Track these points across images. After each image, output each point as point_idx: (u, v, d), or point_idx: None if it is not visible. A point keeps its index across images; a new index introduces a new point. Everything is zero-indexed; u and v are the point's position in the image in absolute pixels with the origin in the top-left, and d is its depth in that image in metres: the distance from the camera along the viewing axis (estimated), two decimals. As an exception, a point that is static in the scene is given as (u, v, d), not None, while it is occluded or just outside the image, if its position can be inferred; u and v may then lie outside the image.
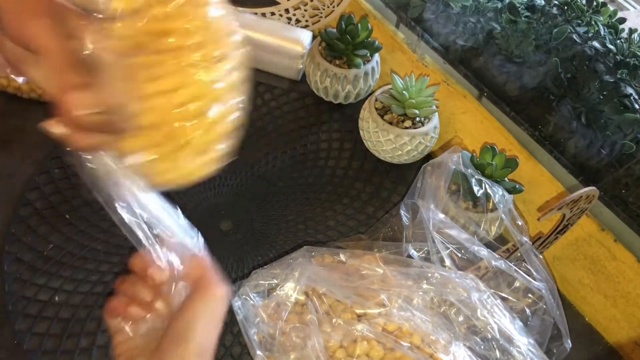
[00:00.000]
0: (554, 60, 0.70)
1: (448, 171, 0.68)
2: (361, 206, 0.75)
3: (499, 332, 0.57)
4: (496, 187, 0.66)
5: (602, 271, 0.67)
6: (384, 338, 0.56)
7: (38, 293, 0.62)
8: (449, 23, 0.80)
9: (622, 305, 0.67)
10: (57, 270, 0.64)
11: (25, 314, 0.60)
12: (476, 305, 0.58)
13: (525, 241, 0.63)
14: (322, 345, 0.53)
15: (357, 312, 0.60)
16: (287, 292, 0.58)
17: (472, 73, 0.78)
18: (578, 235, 0.69)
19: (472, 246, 0.63)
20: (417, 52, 0.84)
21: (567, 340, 0.60)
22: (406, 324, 0.57)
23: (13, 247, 0.65)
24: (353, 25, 0.80)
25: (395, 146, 0.75)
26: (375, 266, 0.65)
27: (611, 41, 0.69)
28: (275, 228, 0.72)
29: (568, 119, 0.69)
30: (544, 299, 0.62)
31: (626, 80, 0.67)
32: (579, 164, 0.69)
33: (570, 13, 0.73)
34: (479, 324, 0.59)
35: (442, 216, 0.66)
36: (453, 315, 0.61)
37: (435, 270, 0.61)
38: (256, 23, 0.87)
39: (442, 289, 0.61)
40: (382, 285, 0.62)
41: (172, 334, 0.40)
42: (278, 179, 0.77)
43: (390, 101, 0.75)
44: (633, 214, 0.65)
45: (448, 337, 0.56)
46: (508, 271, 0.62)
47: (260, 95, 0.85)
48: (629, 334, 0.67)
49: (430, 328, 0.57)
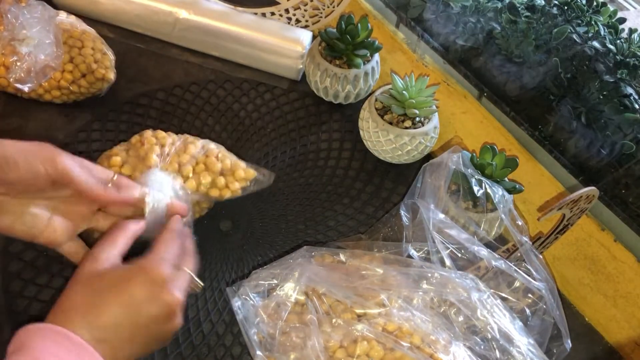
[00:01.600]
0: (554, 60, 0.70)
1: (448, 171, 0.68)
2: (361, 206, 0.75)
3: (499, 332, 0.57)
4: (496, 187, 0.66)
5: (602, 271, 0.67)
6: (384, 338, 0.56)
7: (39, 293, 0.62)
8: (449, 23, 0.80)
9: (622, 305, 0.67)
10: (58, 270, 0.64)
11: (25, 314, 0.60)
12: (476, 305, 0.58)
13: (525, 241, 0.63)
14: (322, 345, 0.53)
15: (357, 312, 0.59)
16: (287, 292, 0.58)
17: (472, 73, 0.78)
18: (578, 235, 0.69)
19: (472, 246, 0.63)
20: (417, 52, 0.84)
21: (567, 340, 0.60)
22: (406, 324, 0.57)
23: (14, 247, 0.65)
24: (353, 25, 0.80)
25: (395, 146, 0.75)
26: (375, 266, 0.65)
27: (611, 41, 0.69)
28: (275, 228, 0.72)
29: (568, 119, 0.69)
30: (544, 299, 0.62)
31: (626, 80, 0.67)
32: (579, 164, 0.69)
33: (570, 13, 0.73)
34: (479, 324, 0.59)
35: (442, 216, 0.66)
36: (453, 315, 0.60)
37: (435, 270, 0.61)
38: (256, 23, 0.87)
39: (442, 289, 0.61)
40: (382, 285, 0.62)
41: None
42: (278, 179, 0.77)
43: (390, 101, 0.75)
44: (633, 214, 0.65)
45: (448, 337, 0.56)
46: (508, 271, 0.62)
47: (260, 95, 0.85)
48: (629, 334, 0.67)
49: (430, 328, 0.57)
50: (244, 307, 0.57)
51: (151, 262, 0.48)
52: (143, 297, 0.46)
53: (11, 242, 0.65)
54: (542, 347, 0.61)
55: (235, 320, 0.59)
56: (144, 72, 0.85)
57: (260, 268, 0.60)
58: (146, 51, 0.88)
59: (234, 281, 0.66)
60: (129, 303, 0.45)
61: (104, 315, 0.44)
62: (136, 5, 0.87)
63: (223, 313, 0.64)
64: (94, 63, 0.76)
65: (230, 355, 0.61)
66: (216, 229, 0.70)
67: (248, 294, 0.59)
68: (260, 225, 0.72)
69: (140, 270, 0.47)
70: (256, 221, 0.72)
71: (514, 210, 0.65)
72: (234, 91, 0.85)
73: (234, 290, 0.58)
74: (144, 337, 0.47)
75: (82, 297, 0.45)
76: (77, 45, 0.76)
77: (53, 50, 0.72)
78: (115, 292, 0.45)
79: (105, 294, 0.45)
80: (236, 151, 0.78)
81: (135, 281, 0.46)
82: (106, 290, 0.46)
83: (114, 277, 0.47)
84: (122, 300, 0.45)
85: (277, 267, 0.61)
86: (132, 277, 0.46)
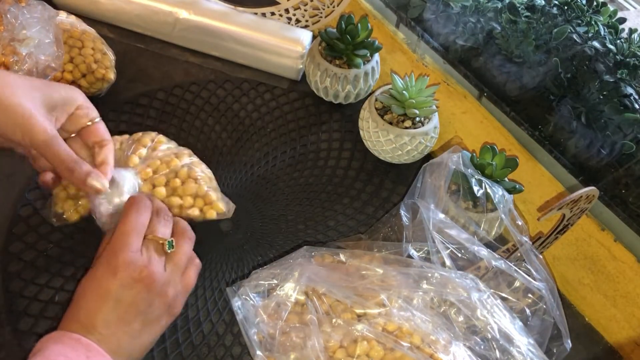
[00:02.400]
0: (554, 60, 0.70)
1: (448, 171, 0.68)
2: (361, 206, 0.76)
3: (499, 332, 0.57)
4: (496, 187, 0.66)
5: (602, 271, 0.67)
6: (384, 338, 0.56)
7: (39, 293, 0.62)
8: (449, 23, 0.80)
9: (622, 305, 0.67)
10: (58, 270, 0.64)
11: (26, 314, 0.60)
12: (476, 305, 0.58)
13: (525, 241, 0.63)
14: (322, 345, 0.53)
15: (357, 312, 0.59)
16: (287, 292, 0.58)
17: (472, 73, 0.78)
18: (578, 235, 0.69)
19: (472, 246, 0.63)
20: (417, 52, 0.84)
21: (567, 340, 0.60)
22: (406, 324, 0.57)
23: (14, 247, 0.65)
24: (353, 25, 0.80)
25: (395, 146, 0.75)
26: (375, 266, 0.65)
27: (611, 41, 0.69)
28: (275, 228, 0.72)
29: (568, 119, 0.69)
30: (544, 299, 0.62)
31: (626, 80, 0.67)
32: (579, 164, 0.69)
33: (570, 13, 0.73)
34: (479, 324, 0.59)
35: (442, 216, 0.66)
36: (453, 315, 0.60)
37: (435, 270, 0.61)
38: (256, 23, 0.87)
39: (442, 289, 0.61)
40: (382, 285, 0.62)
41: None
42: (278, 179, 0.77)
43: (390, 101, 0.75)
44: (633, 214, 0.65)
45: (448, 337, 0.56)
46: (508, 271, 0.62)
47: (260, 95, 0.85)
48: (629, 334, 0.67)
49: (430, 328, 0.57)
50: (244, 307, 0.58)
51: (109, 253, 0.51)
52: (116, 286, 0.49)
53: (11, 242, 0.65)
54: (542, 347, 0.61)
55: (235, 320, 0.59)
56: (144, 72, 0.85)
57: (260, 268, 0.60)
58: (146, 51, 0.88)
59: (234, 281, 0.66)
60: (106, 296, 0.49)
61: (92, 314, 0.49)
62: (136, 5, 0.87)
63: (223, 313, 0.64)
64: (94, 63, 0.76)
65: (230, 355, 0.61)
66: (216, 229, 0.70)
67: (248, 294, 0.59)
68: (260, 225, 0.72)
69: (103, 264, 0.51)
70: (256, 221, 0.72)
71: (514, 210, 0.65)
72: (234, 91, 0.85)
73: (234, 290, 0.58)
74: (135, 317, 0.50)
75: (82, 303, 0.50)
76: (77, 45, 0.76)
77: (54, 51, 0.72)
78: (93, 288, 0.50)
79: (87, 294, 0.50)
80: (236, 151, 0.78)
81: (104, 275, 0.50)
82: (88, 291, 0.50)
83: (92, 276, 0.51)
84: (99, 295, 0.49)
85: (277, 267, 0.61)
86: (101, 273, 0.50)
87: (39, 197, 0.69)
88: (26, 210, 0.68)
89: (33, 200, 0.69)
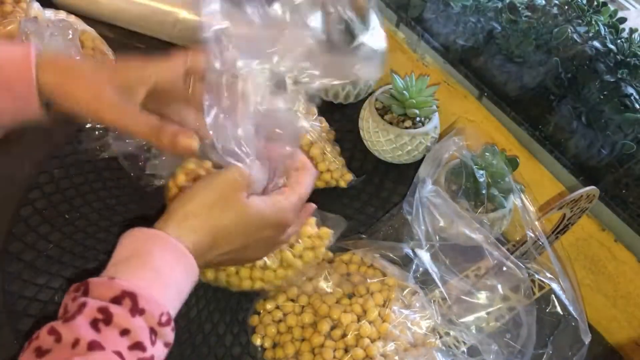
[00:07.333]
0: (554, 60, 0.70)
1: (448, 165, 0.69)
2: (361, 206, 0.75)
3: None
4: (497, 187, 0.66)
5: (602, 271, 0.67)
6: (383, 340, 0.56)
7: (39, 293, 0.62)
8: (449, 23, 0.80)
9: (622, 305, 0.67)
10: (57, 270, 0.64)
11: (25, 314, 0.60)
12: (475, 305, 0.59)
13: (528, 239, 0.63)
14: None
15: (357, 312, 0.60)
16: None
17: (472, 73, 0.78)
18: (578, 235, 0.69)
19: (472, 246, 0.63)
20: (417, 51, 0.84)
21: (586, 335, 0.60)
22: (403, 323, 0.57)
23: (13, 247, 0.65)
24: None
25: (395, 146, 0.74)
26: (376, 266, 0.65)
27: (612, 41, 0.69)
28: (276, 228, 0.72)
29: (568, 118, 0.69)
30: (550, 296, 0.62)
31: (627, 80, 0.66)
32: (579, 164, 0.69)
33: (570, 13, 0.73)
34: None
35: (434, 187, 0.66)
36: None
37: (435, 270, 0.62)
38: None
39: (442, 289, 0.61)
40: (382, 286, 0.62)
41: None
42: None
43: (390, 101, 0.75)
44: (633, 214, 0.65)
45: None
46: (509, 270, 0.62)
47: (261, 95, 0.85)
48: (629, 334, 0.67)
49: (426, 327, 0.58)
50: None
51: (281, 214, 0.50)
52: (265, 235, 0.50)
53: (11, 242, 0.65)
54: (550, 342, 0.62)
55: (235, 320, 0.59)
56: (144, 72, 0.85)
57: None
58: (146, 51, 0.88)
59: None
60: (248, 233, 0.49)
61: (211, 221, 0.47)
62: (136, 5, 0.87)
63: (224, 313, 0.64)
64: (94, 63, 0.76)
65: (231, 355, 0.61)
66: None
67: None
68: (261, 225, 0.72)
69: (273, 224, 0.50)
70: (256, 221, 0.72)
71: (526, 200, 0.65)
72: (234, 91, 0.85)
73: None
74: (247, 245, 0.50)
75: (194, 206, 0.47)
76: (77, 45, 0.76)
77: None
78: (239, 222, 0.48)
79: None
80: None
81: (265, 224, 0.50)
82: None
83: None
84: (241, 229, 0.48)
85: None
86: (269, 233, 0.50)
87: (39, 197, 0.69)
88: (26, 210, 0.68)
89: (33, 200, 0.69)
